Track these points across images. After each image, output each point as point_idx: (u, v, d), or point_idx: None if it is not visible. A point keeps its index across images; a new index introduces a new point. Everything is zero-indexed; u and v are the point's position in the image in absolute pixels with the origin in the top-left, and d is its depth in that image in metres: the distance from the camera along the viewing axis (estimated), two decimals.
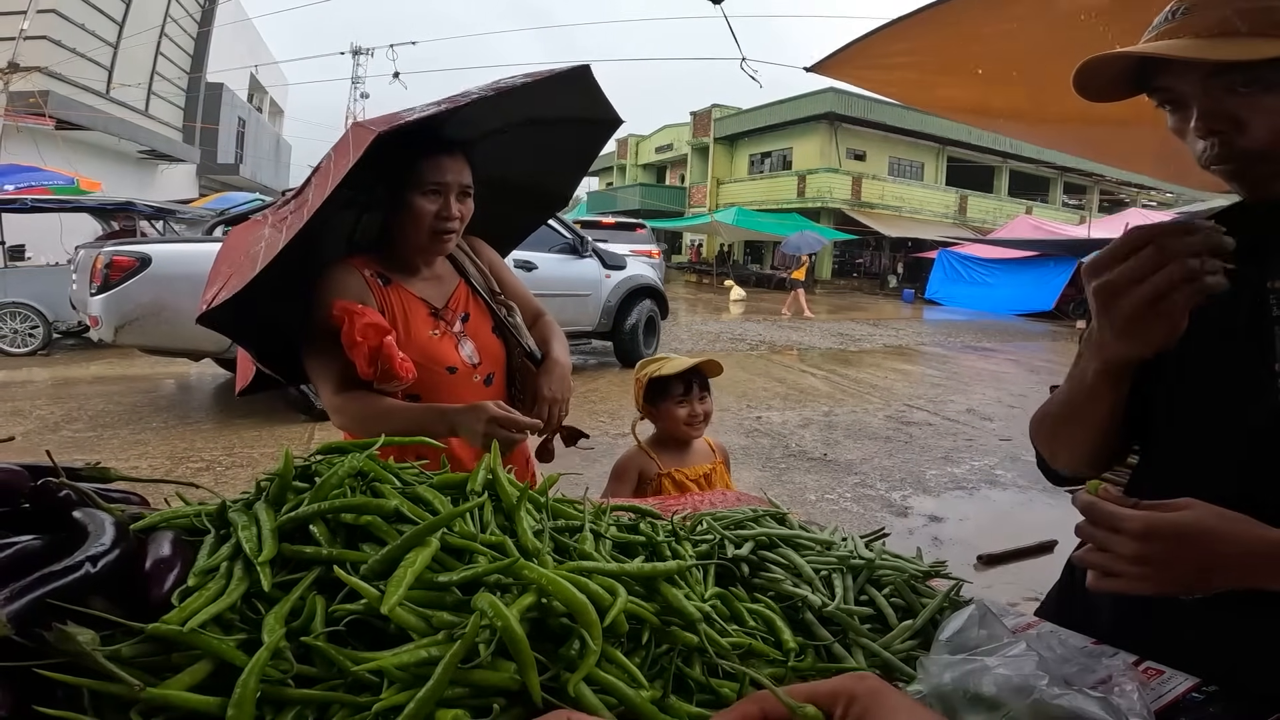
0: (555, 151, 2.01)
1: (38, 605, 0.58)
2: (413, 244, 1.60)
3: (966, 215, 31.83)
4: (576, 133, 1.97)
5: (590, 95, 1.81)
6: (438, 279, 1.70)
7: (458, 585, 0.67)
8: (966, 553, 4.06)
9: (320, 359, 1.51)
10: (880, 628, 0.96)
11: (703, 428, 2.21)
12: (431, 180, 1.53)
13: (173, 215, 10.71)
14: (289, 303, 1.56)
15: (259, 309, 1.51)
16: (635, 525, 0.97)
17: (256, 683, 0.56)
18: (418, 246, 1.61)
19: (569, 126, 1.92)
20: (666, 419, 2.18)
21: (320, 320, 1.48)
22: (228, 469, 4.92)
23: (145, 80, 20.50)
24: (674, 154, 39.71)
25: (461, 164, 1.57)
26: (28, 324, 9.22)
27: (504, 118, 1.78)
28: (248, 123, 29.62)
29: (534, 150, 1.92)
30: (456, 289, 1.72)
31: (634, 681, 0.65)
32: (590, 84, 1.76)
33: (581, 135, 2.00)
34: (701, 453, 2.24)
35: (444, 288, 1.70)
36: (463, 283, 1.74)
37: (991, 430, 7.04)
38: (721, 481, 2.22)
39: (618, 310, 9.12)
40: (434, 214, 1.54)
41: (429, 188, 1.53)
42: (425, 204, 1.53)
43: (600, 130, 2.00)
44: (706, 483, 2.17)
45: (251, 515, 0.74)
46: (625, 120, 2.02)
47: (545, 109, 1.80)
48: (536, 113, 1.80)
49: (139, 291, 5.97)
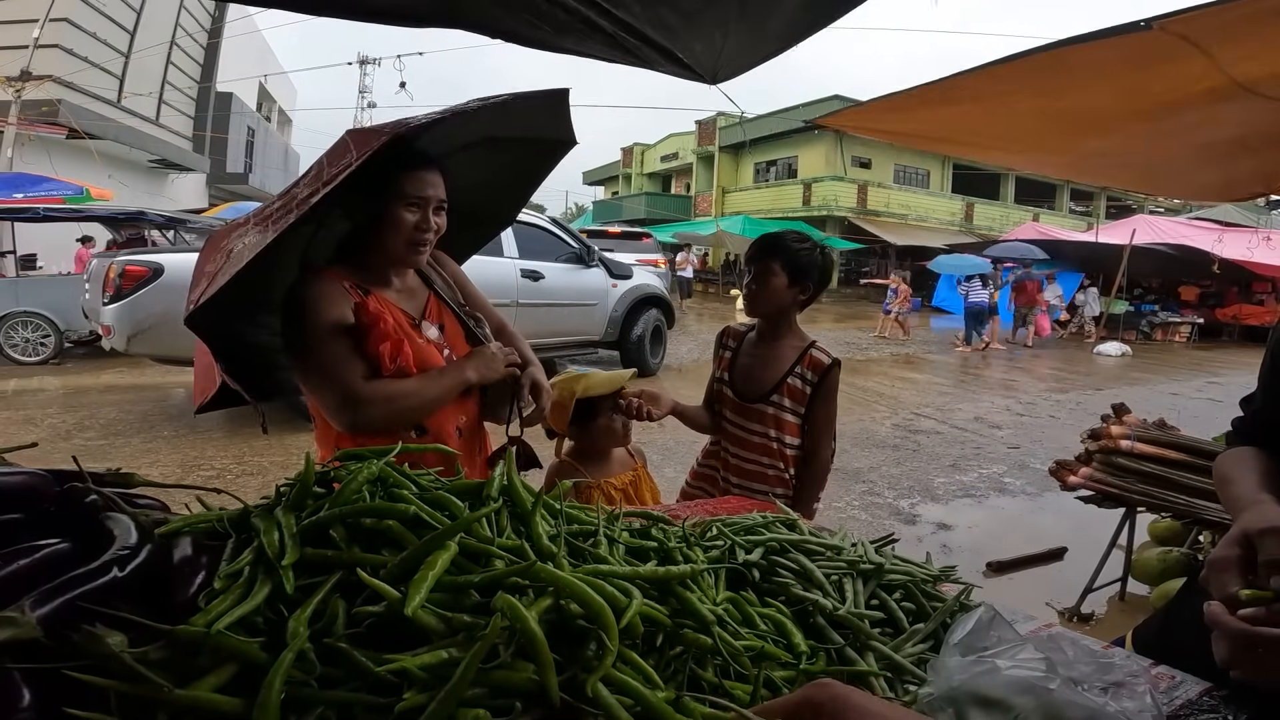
0: (508, 171, 2.06)
1: (67, 608, 0.60)
2: (390, 254, 1.63)
3: (973, 223, 31.76)
4: (531, 152, 2.03)
5: (557, 116, 1.90)
6: (410, 291, 1.74)
7: (476, 588, 0.68)
8: (975, 560, 4.05)
9: (334, 360, 1.52)
10: (892, 631, 0.97)
11: (614, 448, 2.21)
12: (414, 194, 1.57)
13: (183, 225, 10.79)
14: (251, 317, 1.64)
15: (227, 323, 1.57)
16: (647, 531, 0.98)
17: (281, 684, 0.57)
18: (395, 257, 1.64)
19: (525, 146, 1.98)
20: (595, 435, 2.14)
21: (330, 323, 1.51)
22: (238, 477, 4.94)
23: (156, 90, 20.69)
24: (679, 162, 39.76)
25: (439, 179, 1.62)
26: (39, 333, 9.30)
27: (474, 133, 1.82)
28: (256, 132, 29.82)
29: (487, 168, 1.96)
30: (428, 300, 1.77)
31: (650, 682, 0.65)
32: (563, 106, 1.86)
33: (536, 154, 2.07)
34: (621, 460, 2.24)
35: (416, 300, 1.75)
36: (432, 294, 1.79)
37: (1000, 438, 7.02)
38: (646, 485, 2.22)
39: (624, 320, 9.14)
40: (413, 226, 1.59)
41: (411, 201, 1.57)
42: (407, 216, 1.58)
43: (554, 150, 2.08)
44: (633, 489, 2.16)
45: (273, 520, 0.76)
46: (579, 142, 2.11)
47: (512, 127, 1.86)
48: (501, 130, 1.85)
49: (151, 301, 6.01)
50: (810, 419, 2.12)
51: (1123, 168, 3.55)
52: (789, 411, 2.11)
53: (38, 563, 0.64)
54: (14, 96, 14.73)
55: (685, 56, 2.08)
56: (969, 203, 32.18)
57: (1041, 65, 2.21)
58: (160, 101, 21.04)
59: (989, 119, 2.92)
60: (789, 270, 2.08)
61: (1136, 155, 3.12)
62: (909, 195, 31.08)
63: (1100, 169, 3.82)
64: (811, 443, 2.13)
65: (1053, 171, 4.48)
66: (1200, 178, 3.62)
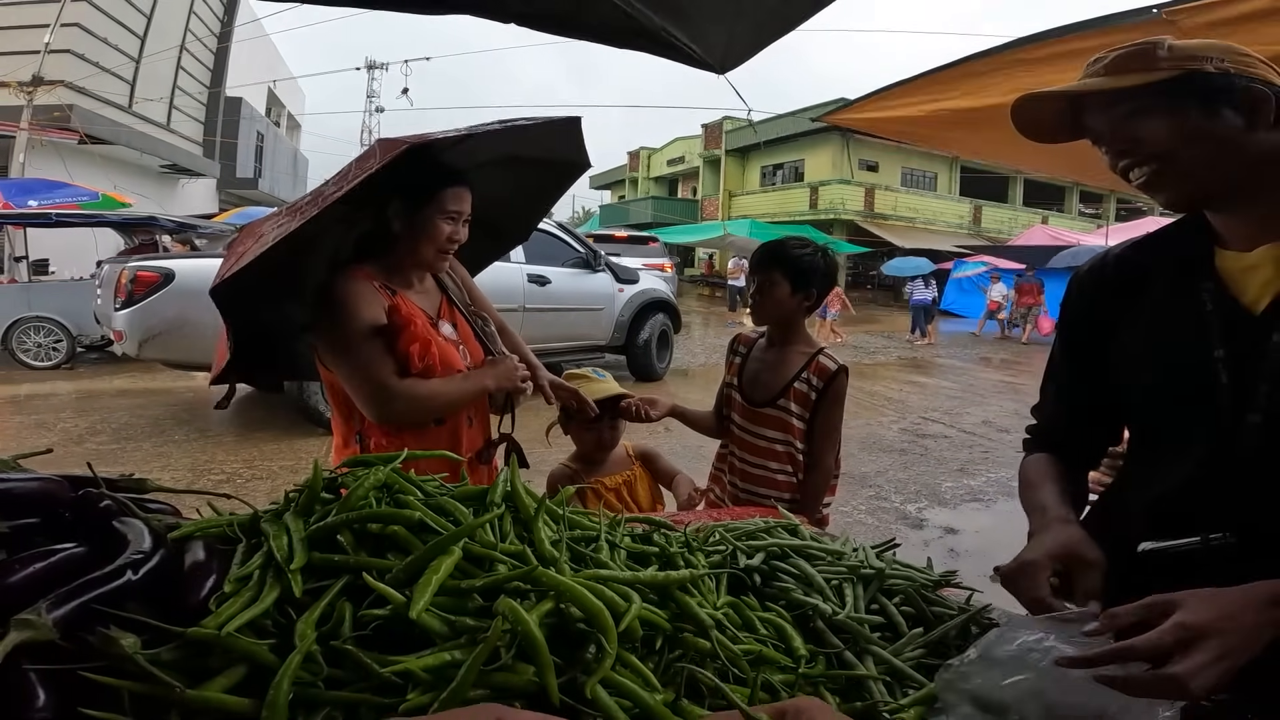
0: (524, 188, 2.20)
1: (82, 611, 0.62)
2: (420, 259, 1.78)
3: (981, 225, 31.64)
4: (546, 172, 2.17)
5: (572, 140, 2.03)
6: (426, 293, 1.88)
7: (479, 591, 0.70)
8: (983, 564, 4.02)
9: (370, 358, 1.64)
10: (892, 635, 0.98)
11: (608, 453, 2.26)
12: (453, 208, 1.74)
13: (194, 230, 10.86)
14: (277, 304, 1.78)
15: (254, 305, 1.68)
16: (649, 536, 1.00)
17: (290, 685, 0.59)
18: (423, 261, 1.79)
19: (541, 166, 2.12)
20: (576, 438, 2.24)
21: (367, 323, 1.63)
22: (248, 481, 4.98)
23: (167, 95, 20.84)
24: (686, 166, 39.77)
25: (468, 195, 1.77)
26: (51, 338, 9.36)
27: (495, 152, 1.95)
28: (266, 137, 29.99)
29: (505, 185, 2.09)
30: (441, 302, 1.91)
31: (648, 685, 0.67)
32: (577, 132, 2.01)
33: (552, 175, 2.21)
34: (619, 460, 2.30)
35: (432, 300, 1.89)
36: (444, 297, 1.93)
37: (1008, 442, 7.00)
38: (642, 485, 2.27)
39: (631, 324, 9.15)
40: (446, 236, 1.75)
41: (449, 214, 1.73)
42: (444, 226, 1.73)
43: (569, 171, 2.23)
44: (627, 489, 2.22)
45: (282, 525, 0.77)
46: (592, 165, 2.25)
47: (529, 148, 1.99)
48: (520, 150, 1.99)
49: (163, 306, 6.05)
50: (815, 424, 2.13)
51: None
52: (796, 417, 2.13)
53: (54, 566, 0.66)
54: (25, 102, 14.86)
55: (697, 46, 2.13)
56: (977, 205, 32.07)
57: (1049, 55, 2.20)
58: (171, 107, 21.19)
59: (995, 111, 2.92)
60: (792, 278, 2.10)
61: None
62: (916, 198, 30.99)
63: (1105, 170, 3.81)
64: (816, 448, 2.14)
65: (1060, 171, 4.45)
66: None
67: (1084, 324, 1.18)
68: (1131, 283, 1.10)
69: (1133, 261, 1.13)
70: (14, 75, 14.76)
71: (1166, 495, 1.03)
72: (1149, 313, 1.06)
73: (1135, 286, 1.10)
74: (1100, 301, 1.15)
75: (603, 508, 1.28)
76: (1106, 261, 1.17)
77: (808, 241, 2.18)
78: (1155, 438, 1.10)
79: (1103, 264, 1.17)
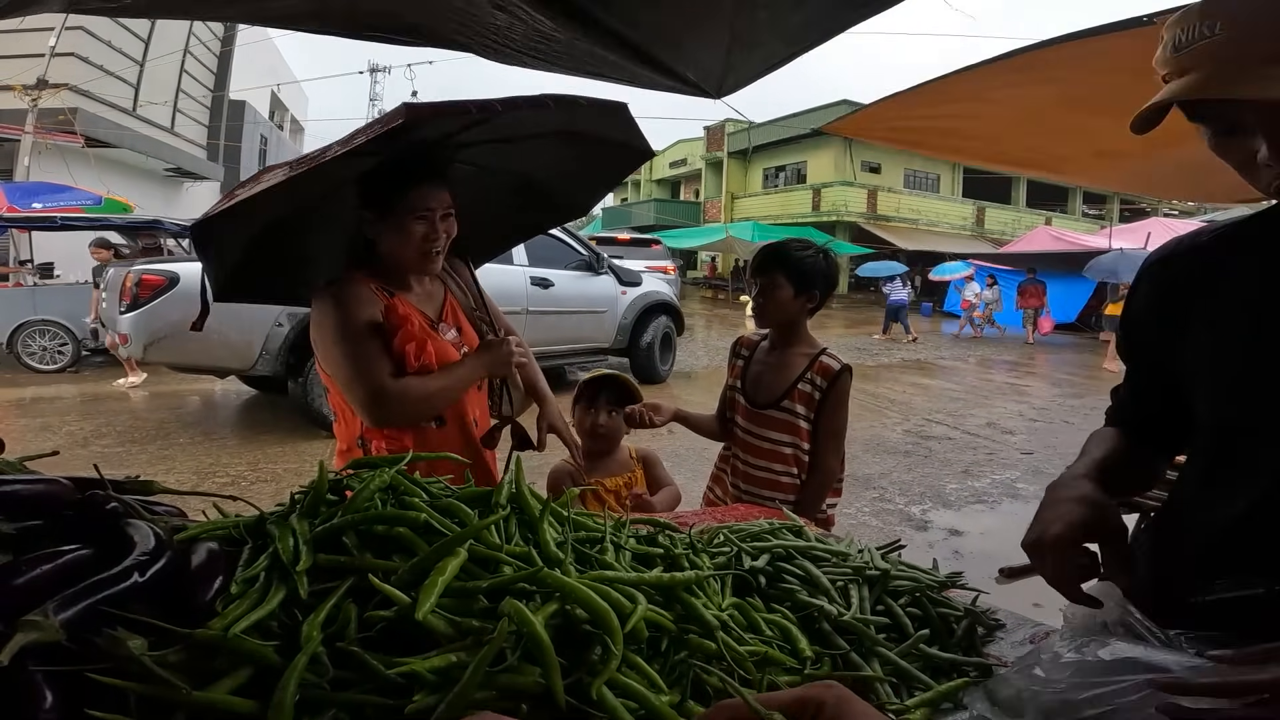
0: (583, 165, 2.19)
1: (89, 612, 0.62)
2: (405, 261, 1.78)
3: (984, 227, 31.61)
4: (607, 153, 2.15)
5: (626, 126, 2.01)
6: (428, 295, 1.89)
7: (484, 593, 0.70)
8: (988, 566, 3.99)
9: (366, 359, 1.65)
10: (897, 637, 0.98)
11: (604, 441, 2.28)
12: (421, 207, 1.72)
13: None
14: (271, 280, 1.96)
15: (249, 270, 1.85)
16: (653, 537, 1.00)
17: (296, 686, 0.59)
18: (410, 263, 1.79)
19: (602, 146, 2.09)
20: (575, 424, 2.25)
21: (362, 324, 1.65)
22: (252, 484, 4.98)
23: (171, 98, 20.90)
24: (688, 169, 39.78)
25: (442, 190, 1.77)
26: (56, 341, 9.38)
27: (545, 125, 1.94)
28: (270, 140, 30.07)
29: (563, 159, 2.10)
30: (445, 304, 1.92)
31: (654, 686, 0.67)
32: (627, 118, 1.99)
33: (611, 157, 2.19)
34: (621, 461, 2.31)
35: (434, 303, 1.89)
36: (448, 299, 1.94)
37: (1013, 444, 6.98)
38: (642, 487, 2.28)
39: (634, 327, 9.15)
40: (422, 236, 1.73)
41: (419, 214, 1.72)
42: (416, 227, 1.72)
43: (630, 156, 2.21)
44: (627, 490, 2.22)
45: (288, 527, 0.77)
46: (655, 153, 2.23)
47: (583, 125, 1.98)
48: (575, 126, 1.98)
49: (168, 310, 6.05)
50: (818, 425, 2.13)
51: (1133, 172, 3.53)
52: (801, 418, 2.13)
53: (60, 568, 0.67)
54: (30, 105, 14.91)
55: (691, 73, 2.13)
56: (980, 207, 32.03)
57: (1046, 61, 2.20)
58: (175, 110, 21.26)
59: (994, 119, 2.92)
60: (793, 280, 2.10)
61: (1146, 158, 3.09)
62: (919, 200, 30.97)
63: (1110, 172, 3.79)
64: (819, 449, 2.14)
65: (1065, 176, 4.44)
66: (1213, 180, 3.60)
67: (1152, 313, 1.09)
68: (1211, 271, 0.99)
69: (1211, 250, 1.02)
70: (19, 79, 14.81)
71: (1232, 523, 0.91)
72: (1236, 305, 0.94)
73: (1214, 275, 0.99)
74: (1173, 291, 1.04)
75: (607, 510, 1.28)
76: (1178, 250, 1.07)
77: (809, 243, 2.19)
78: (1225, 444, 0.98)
79: (1173, 252, 1.07)
